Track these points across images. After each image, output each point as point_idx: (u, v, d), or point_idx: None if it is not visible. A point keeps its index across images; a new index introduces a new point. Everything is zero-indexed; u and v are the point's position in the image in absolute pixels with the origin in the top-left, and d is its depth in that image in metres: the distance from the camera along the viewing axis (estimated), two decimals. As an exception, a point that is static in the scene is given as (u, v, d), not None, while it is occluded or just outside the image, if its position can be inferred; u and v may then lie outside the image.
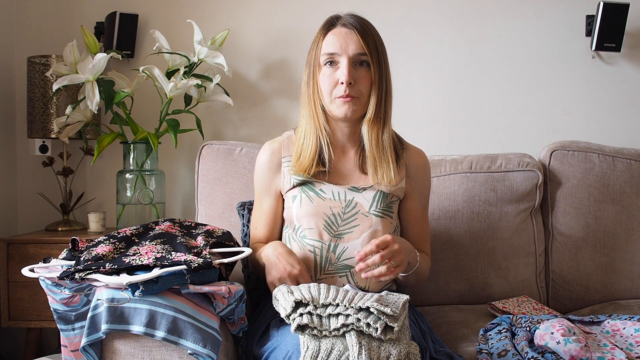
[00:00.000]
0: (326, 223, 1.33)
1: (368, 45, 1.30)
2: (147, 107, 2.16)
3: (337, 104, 1.31)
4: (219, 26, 2.17)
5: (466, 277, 1.78)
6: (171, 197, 2.23)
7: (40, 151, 2.12)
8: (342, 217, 1.33)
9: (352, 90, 1.30)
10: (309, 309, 1.06)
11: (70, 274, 1.08)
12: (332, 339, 1.04)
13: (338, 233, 1.33)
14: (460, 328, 1.52)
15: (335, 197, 1.35)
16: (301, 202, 1.35)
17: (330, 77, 1.31)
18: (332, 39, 1.31)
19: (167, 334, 1.07)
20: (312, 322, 1.05)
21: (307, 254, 1.33)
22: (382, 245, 1.20)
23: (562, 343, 1.22)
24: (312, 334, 1.05)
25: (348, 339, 1.03)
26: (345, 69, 1.28)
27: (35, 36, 2.22)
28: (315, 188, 1.36)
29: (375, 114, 1.33)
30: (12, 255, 1.90)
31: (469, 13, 2.20)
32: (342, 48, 1.30)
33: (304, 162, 1.35)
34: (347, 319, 1.04)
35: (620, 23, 2.07)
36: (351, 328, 1.04)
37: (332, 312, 1.06)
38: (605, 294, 1.82)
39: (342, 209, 1.34)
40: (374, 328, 1.03)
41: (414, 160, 1.44)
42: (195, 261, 1.13)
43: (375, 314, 1.04)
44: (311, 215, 1.34)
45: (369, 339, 1.04)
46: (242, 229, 1.58)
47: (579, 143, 1.90)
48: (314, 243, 1.33)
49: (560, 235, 1.85)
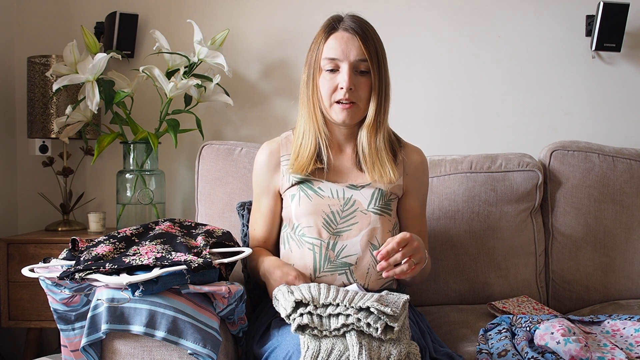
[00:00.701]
0: (325, 221, 1.33)
1: (369, 51, 1.30)
2: (147, 107, 2.16)
3: (336, 110, 1.32)
4: (219, 26, 2.17)
5: (466, 277, 1.78)
6: (171, 197, 2.23)
7: (40, 151, 2.12)
8: (340, 215, 1.34)
9: (352, 96, 1.31)
10: (309, 309, 1.06)
11: (70, 274, 1.08)
12: (332, 339, 1.04)
13: (337, 231, 1.33)
14: (460, 328, 1.52)
15: (334, 194, 1.36)
16: (300, 200, 1.36)
17: (330, 81, 1.32)
18: (334, 43, 1.32)
19: (167, 334, 1.07)
20: (313, 322, 1.05)
21: (305, 252, 1.33)
22: (402, 243, 1.18)
23: (562, 343, 1.22)
24: (313, 334, 1.05)
25: (348, 339, 1.03)
26: (346, 75, 1.29)
27: (35, 36, 2.22)
28: (314, 186, 1.37)
29: (375, 120, 1.35)
30: (12, 255, 1.90)
31: (469, 13, 2.20)
32: (344, 54, 1.30)
33: (302, 161, 1.36)
34: (347, 319, 1.04)
35: (620, 23, 2.07)
36: (351, 328, 1.04)
37: (332, 312, 1.06)
38: (605, 294, 1.82)
39: (340, 206, 1.34)
40: (374, 328, 1.03)
41: (412, 158, 1.44)
42: (195, 261, 1.13)
43: (375, 313, 1.04)
44: (310, 213, 1.34)
45: (370, 339, 1.04)
46: (242, 228, 1.58)
47: (579, 143, 1.90)
48: (312, 241, 1.33)
49: (560, 235, 1.85)
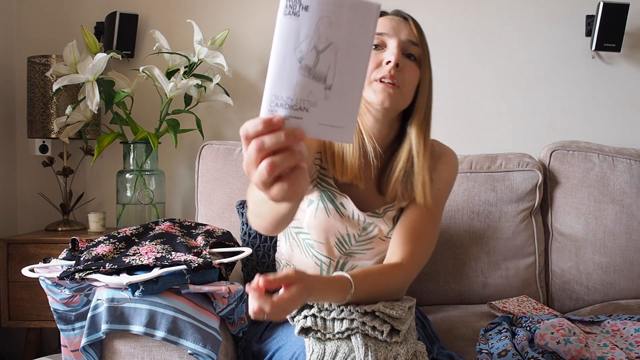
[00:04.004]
0: (338, 240, 1.21)
1: (421, 37, 1.16)
2: (147, 107, 2.16)
3: (376, 88, 1.10)
4: (219, 26, 2.17)
5: (466, 277, 1.78)
6: (171, 197, 2.23)
7: (40, 151, 2.12)
8: (356, 239, 1.22)
9: (398, 75, 1.10)
10: (314, 311, 1.05)
11: (70, 274, 1.08)
12: (336, 341, 1.03)
13: (349, 252, 1.22)
14: (460, 328, 1.52)
15: (355, 217, 1.20)
16: (317, 211, 1.19)
17: (374, 56, 1.12)
18: (382, 21, 1.15)
19: (167, 334, 1.07)
20: (316, 325, 1.04)
21: (310, 264, 1.23)
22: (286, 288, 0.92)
23: (562, 343, 1.22)
24: (316, 337, 1.04)
25: (354, 341, 1.01)
26: (395, 49, 1.11)
27: (35, 36, 2.22)
28: (336, 201, 1.19)
29: (424, 118, 1.16)
30: (12, 255, 1.90)
31: (469, 13, 2.20)
32: (394, 30, 1.13)
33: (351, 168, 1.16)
34: (352, 324, 1.02)
35: (620, 23, 2.07)
36: (356, 331, 1.02)
37: (336, 316, 1.04)
38: (605, 294, 1.82)
39: (359, 231, 1.21)
40: (379, 331, 1.02)
41: (444, 174, 1.26)
42: (195, 261, 1.13)
43: (380, 317, 1.03)
44: (324, 229, 1.20)
45: (375, 341, 1.03)
46: (242, 227, 1.58)
47: (578, 143, 1.90)
48: (322, 258, 1.22)
49: (560, 235, 1.85)
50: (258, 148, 0.64)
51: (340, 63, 0.65)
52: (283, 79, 0.64)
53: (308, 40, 0.63)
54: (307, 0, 0.63)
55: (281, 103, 0.64)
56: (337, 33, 0.64)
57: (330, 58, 0.64)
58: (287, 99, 0.64)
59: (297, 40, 0.63)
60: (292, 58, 0.63)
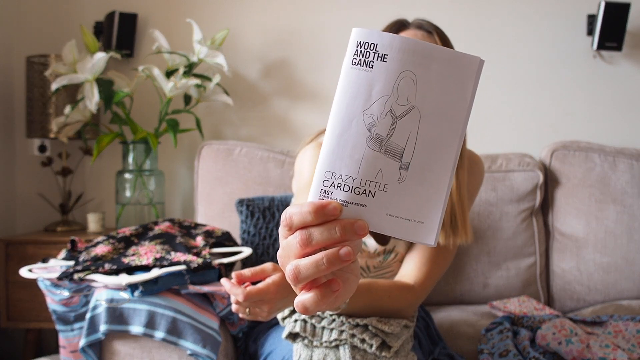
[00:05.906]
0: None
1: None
2: (146, 107, 2.16)
3: None
4: (219, 26, 2.16)
5: (466, 277, 1.77)
6: (171, 197, 2.23)
7: (39, 151, 2.11)
8: (377, 268, 1.20)
9: None
10: (305, 317, 1.04)
11: (69, 275, 1.08)
12: (324, 349, 1.02)
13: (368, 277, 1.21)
14: (461, 327, 1.51)
15: (375, 251, 1.18)
16: None
17: None
18: (406, 33, 1.09)
19: (167, 334, 1.06)
20: (305, 332, 1.03)
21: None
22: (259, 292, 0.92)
23: (563, 343, 1.21)
24: (304, 343, 1.03)
25: (342, 352, 1.00)
26: None
27: (34, 36, 2.21)
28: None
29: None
30: (11, 256, 1.89)
31: (469, 13, 2.19)
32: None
33: None
34: (341, 334, 1.01)
35: (622, 22, 2.07)
36: (344, 342, 1.01)
37: (326, 325, 1.03)
38: (606, 294, 1.81)
39: (379, 261, 1.19)
40: (368, 344, 1.01)
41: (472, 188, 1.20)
42: (194, 261, 1.13)
43: (372, 330, 1.02)
44: None
45: (364, 353, 1.01)
46: (242, 226, 1.57)
47: (579, 143, 1.90)
48: None
49: (561, 235, 1.84)
50: (303, 243, 0.48)
51: (424, 134, 0.49)
52: (344, 151, 0.49)
53: (382, 102, 0.49)
54: (384, 48, 0.48)
55: (339, 183, 0.49)
56: (422, 94, 0.49)
57: (410, 127, 0.49)
58: (347, 179, 0.49)
59: (368, 100, 0.49)
60: (359, 124, 0.49)
